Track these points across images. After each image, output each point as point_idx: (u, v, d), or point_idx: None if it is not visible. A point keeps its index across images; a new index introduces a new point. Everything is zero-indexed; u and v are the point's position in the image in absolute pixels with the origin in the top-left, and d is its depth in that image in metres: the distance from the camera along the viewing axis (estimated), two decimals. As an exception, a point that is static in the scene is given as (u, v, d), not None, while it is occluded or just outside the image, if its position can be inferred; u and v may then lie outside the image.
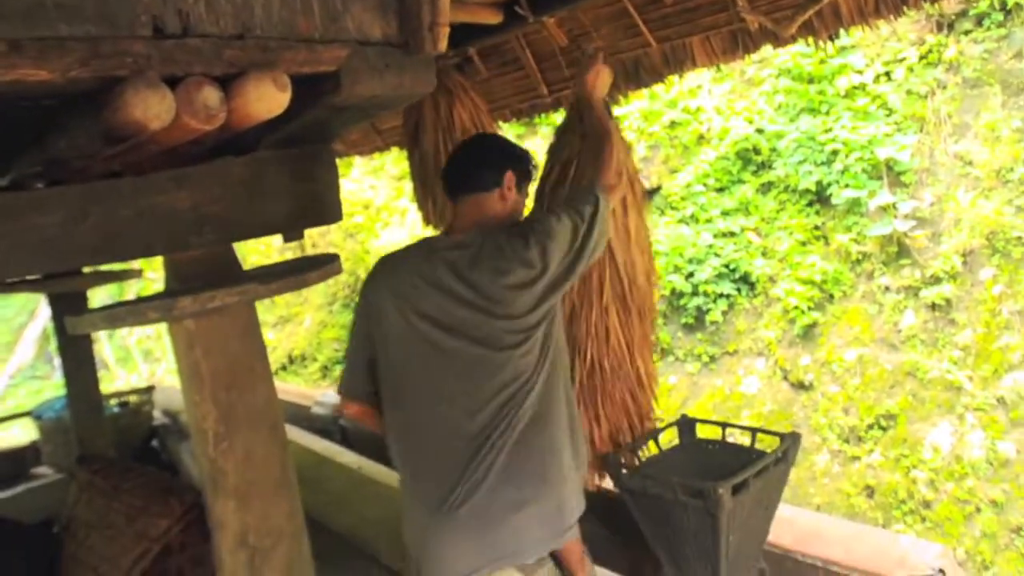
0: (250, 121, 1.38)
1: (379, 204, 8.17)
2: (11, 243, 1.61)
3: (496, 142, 2.07)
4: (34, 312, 11.62)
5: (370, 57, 1.51)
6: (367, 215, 8.06)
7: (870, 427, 4.69)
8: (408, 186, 7.87)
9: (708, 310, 5.75)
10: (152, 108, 1.20)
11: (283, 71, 1.33)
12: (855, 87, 5.78)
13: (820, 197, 5.62)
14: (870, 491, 4.50)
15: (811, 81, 6.03)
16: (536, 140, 7.45)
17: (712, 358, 5.72)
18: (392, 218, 7.84)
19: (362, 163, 8.25)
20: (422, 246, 1.87)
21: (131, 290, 9.42)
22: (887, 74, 5.73)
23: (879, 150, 5.31)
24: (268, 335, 9.49)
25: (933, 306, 4.86)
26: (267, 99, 1.31)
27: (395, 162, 8.12)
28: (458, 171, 1.91)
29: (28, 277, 3.76)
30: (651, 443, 2.51)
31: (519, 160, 1.92)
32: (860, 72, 5.79)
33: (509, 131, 7.27)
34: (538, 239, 1.74)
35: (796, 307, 5.32)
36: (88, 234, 1.64)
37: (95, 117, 1.26)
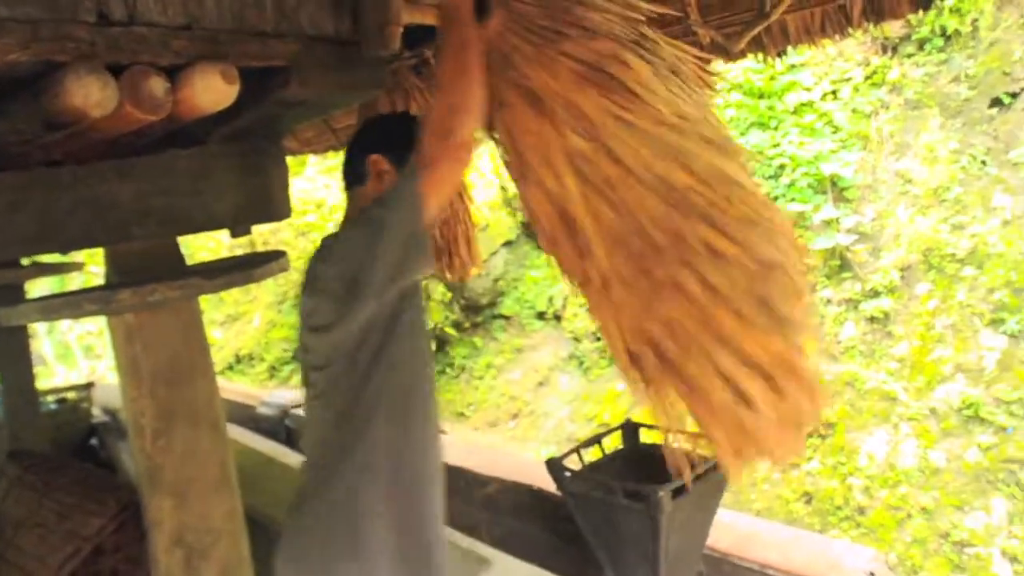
0: (197, 113, 1.36)
1: (332, 203, 8.10)
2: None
3: (367, 125, 1.74)
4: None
5: (321, 53, 1.50)
6: (320, 214, 7.99)
7: (809, 435, 4.80)
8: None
9: (657, 318, 5.83)
10: (93, 96, 1.18)
11: (232, 64, 1.32)
12: (803, 104, 5.94)
13: (768, 210, 5.75)
14: (808, 498, 4.61)
15: (761, 96, 6.17)
16: (491, 145, 7.47)
17: (660, 365, 5.79)
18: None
19: (316, 162, 8.17)
20: None
21: (72, 284, 9.16)
22: (834, 92, 5.90)
23: (824, 166, 5.46)
24: (215, 333, 9.31)
25: (872, 319, 5.00)
26: (214, 91, 1.30)
27: (349, 162, 8.05)
28: (341, 168, 1.65)
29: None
30: (595, 448, 2.54)
31: (387, 134, 1.58)
32: (808, 89, 5.95)
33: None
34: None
35: (742, 317, 5.43)
36: (26, 223, 1.60)
37: (35, 102, 1.23)
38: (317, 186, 8.17)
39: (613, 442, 2.72)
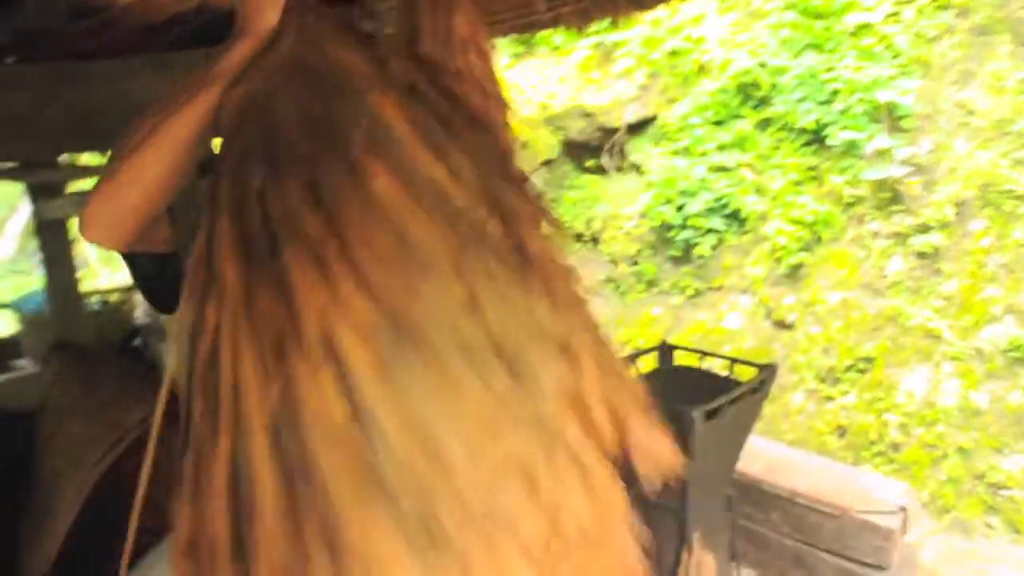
0: (229, 2, 1.30)
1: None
2: (-20, 120, 1.55)
3: None
4: (16, 207, 11.45)
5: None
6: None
7: (848, 369, 4.74)
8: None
9: (696, 244, 5.72)
10: (122, -23, 1.13)
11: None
12: (862, 26, 5.63)
13: (817, 137, 5.54)
14: (842, 431, 4.58)
15: (818, 16, 5.86)
16: (533, 61, 7.27)
17: (697, 292, 5.73)
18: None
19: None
20: None
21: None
22: (896, 14, 5.57)
23: (881, 93, 5.21)
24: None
25: (921, 254, 4.85)
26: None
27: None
28: None
29: (5, 165, 3.67)
30: (629, 367, 2.52)
31: None
32: (870, 10, 5.63)
33: (506, 49, 7.10)
34: None
35: (784, 247, 5.30)
36: (59, 116, 1.58)
37: (64, -14, 1.19)
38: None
39: (647, 365, 2.70)
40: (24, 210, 11.04)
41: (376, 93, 0.81)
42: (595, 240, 6.55)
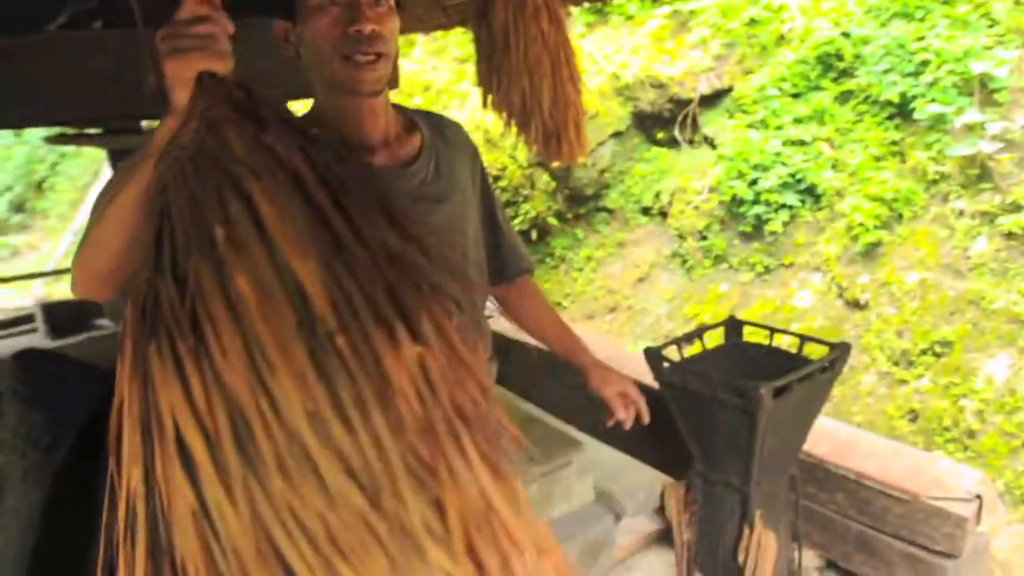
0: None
1: (439, 86, 8.02)
2: (69, 84, 1.62)
3: None
4: (99, 172, 11.92)
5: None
6: (427, 96, 7.93)
7: (923, 352, 4.58)
8: (471, 69, 7.70)
9: (768, 220, 5.58)
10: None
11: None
12: (957, -8, 5.35)
13: (902, 111, 5.31)
14: (914, 415, 4.44)
15: (909, -17, 5.59)
16: (606, 31, 7.14)
17: (767, 269, 5.60)
18: (452, 101, 7.69)
19: (424, 43, 8.05)
20: None
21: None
22: (995, -20, 5.27)
23: (974, 64, 4.95)
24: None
25: (1009, 234, 4.62)
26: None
27: (458, 44, 7.90)
28: None
29: (90, 131, 3.82)
30: (696, 342, 2.49)
31: None
32: (966, -24, 5.34)
33: (580, 18, 6.99)
34: None
35: (861, 224, 5.12)
36: (142, 80, 1.63)
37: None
38: (425, 68, 8.09)
39: (712, 340, 2.66)
40: (106, 176, 11.52)
41: (252, 181, 0.79)
42: (663, 214, 6.45)
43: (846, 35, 5.70)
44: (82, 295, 1.01)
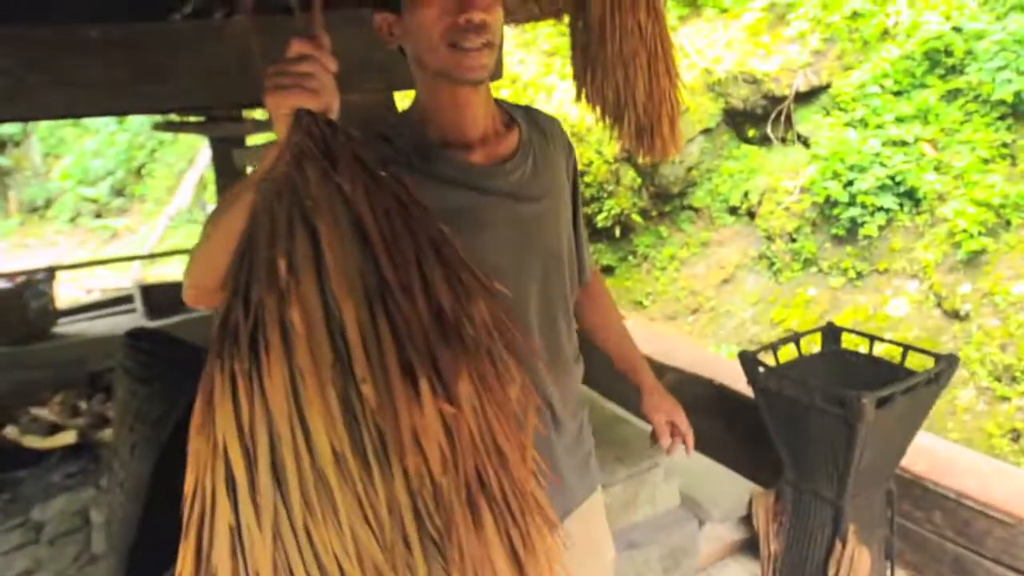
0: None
1: (527, 79, 8.02)
2: (192, 72, 1.68)
3: None
4: (193, 160, 12.41)
5: None
6: (515, 89, 7.95)
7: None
8: (558, 63, 7.67)
9: (863, 223, 5.37)
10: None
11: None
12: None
13: (1016, 111, 5.02)
14: (1016, 435, 4.21)
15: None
16: (699, 24, 7.00)
17: (859, 274, 5.40)
18: (539, 95, 7.69)
19: (512, 36, 8.07)
20: None
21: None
22: None
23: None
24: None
25: None
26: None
27: (547, 37, 7.89)
28: None
29: (193, 119, 3.98)
30: (790, 346, 2.41)
31: None
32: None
33: (672, 10, 6.88)
34: None
35: (964, 230, 4.87)
36: (259, 70, 1.68)
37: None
38: (513, 60, 8.10)
39: (805, 347, 2.58)
40: (200, 163, 11.98)
41: (319, 217, 0.80)
42: (751, 214, 6.30)
43: (957, 29, 5.43)
44: (192, 305, 1.07)
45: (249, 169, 4.29)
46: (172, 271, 9.15)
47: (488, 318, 0.83)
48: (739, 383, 2.47)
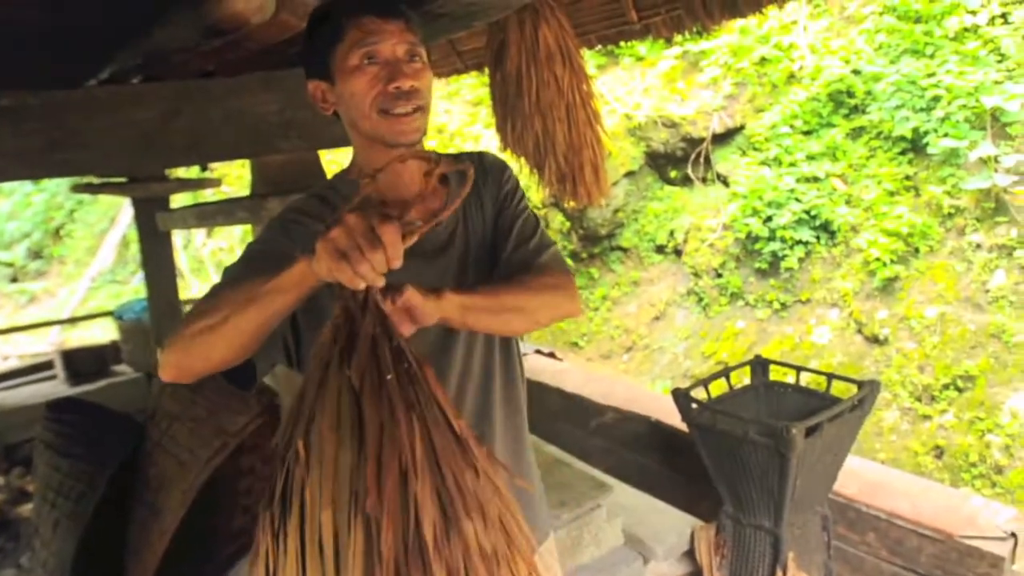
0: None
1: (453, 129, 8.13)
2: (110, 137, 1.66)
3: None
4: (115, 219, 12.06)
5: (468, -39, 1.47)
6: (441, 139, 8.04)
7: (945, 387, 4.54)
8: (484, 112, 7.80)
9: (784, 256, 5.59)
10: (254, 2, 1.19)
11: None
12: (966, 29, 5.40)
13: (915, 146, 5.34)
14: (939, 451, 4.38)
15: (918, 20, 5.66)
16: (617, 72, 7.25)
17: (783, 305, 5.59)
18: (466, 144, 7.79)
19: (438, 87, 8.18)
20: None
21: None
22: (1004, 16, 5.33)
23: (985, 98, 4.98)
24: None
25: (1026, 267, 4.61)
26: None
27: (471, 87, 8.03)
28: None
29: (114, 179, 3.89)
30: (721, 381, 2.48)
31: None
32: (973, 13, 5.40)
33: (590, 59, 7.10)
34: None
35: (878, 259, 5.12)
36: (181, 132, 1.67)
37: (199, 9, 1.26)
38: (438, 111, 8.21)
39: (735, 379, 2.65)
40: (122, 222, 11.65)
41: (325, 412, 0.85)
42: (677, 252, 6.47)
43: (857, 72, 5.76)
44: (171, 380, 1.09)
45: (174, 233, 4.19)
46: (95, 334, 8.80)
47: (474, 545, 0.81)
48: (675, 419, 2.52)
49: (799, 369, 2.47)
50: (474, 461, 0.85)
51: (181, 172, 5.11)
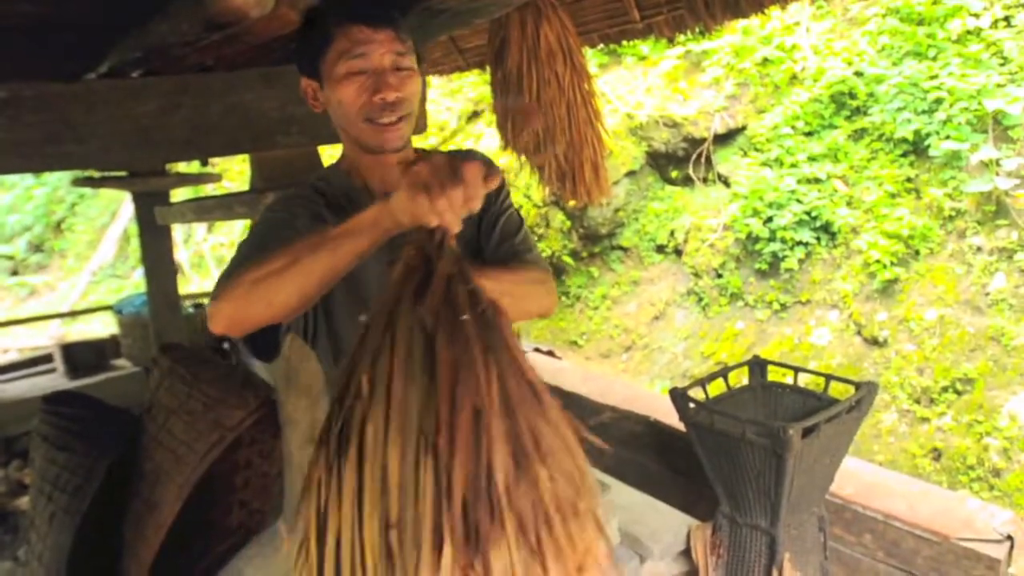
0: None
1: (454, 127, 8.13)
2: (109, 131, 1.66)
3: None
4: (115, 213, 12.06)
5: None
6: (442, 136, 8.04)
7: (944, 390, 4.54)
8: (485, 110, 7.80)
9: (784, 257, 5.58)
10: (253, -5, 1.19)
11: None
12: (968, 32, 5.40)
13: (916, 148, 5.33)
14: (937, 454, 4.38)
15: (920, 23, 5.65)
16: (619, 71, 7.24)
17: (783, 306, 5.59)
18: (466, 141, 7.79)
19: (440, 84, 8.19)
20: None
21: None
22: (1007, 19, 5.32)
23: (988, 101, 4.97)
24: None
25: (1027, 270, 4.61)
26: (365, -7, 1.28)
27: (472, 85, 8.03)
28: None
29: (115, 174, 3.89)
30: (719, 381, 2.48)
31: None
32: (976, 16, 5.39)
33: (593, 58, 7.10)
34: None
35: (878, 261, 5.11)
36: (180, 126, 1.67)
37: (199, 3, 1.26)
38: (440, 108, 8.21)
39: (733, 380, 2.65)
40: (123, 217, 11.65)
41: (398, 348, 0.83)
42: (678, 252, 6.47)
43: (859, 74, 5.76)
44: (222, 332, 1.06)
45: (175, 228, 4.18)
46: (94, 328, 8.80)
47: (545, 495, 0.77)
48: (673, 418, 2.52)
49: (797, 370, 2.47)
50: (546, 411, 0.83)
51: (182, 167, 5.11)
